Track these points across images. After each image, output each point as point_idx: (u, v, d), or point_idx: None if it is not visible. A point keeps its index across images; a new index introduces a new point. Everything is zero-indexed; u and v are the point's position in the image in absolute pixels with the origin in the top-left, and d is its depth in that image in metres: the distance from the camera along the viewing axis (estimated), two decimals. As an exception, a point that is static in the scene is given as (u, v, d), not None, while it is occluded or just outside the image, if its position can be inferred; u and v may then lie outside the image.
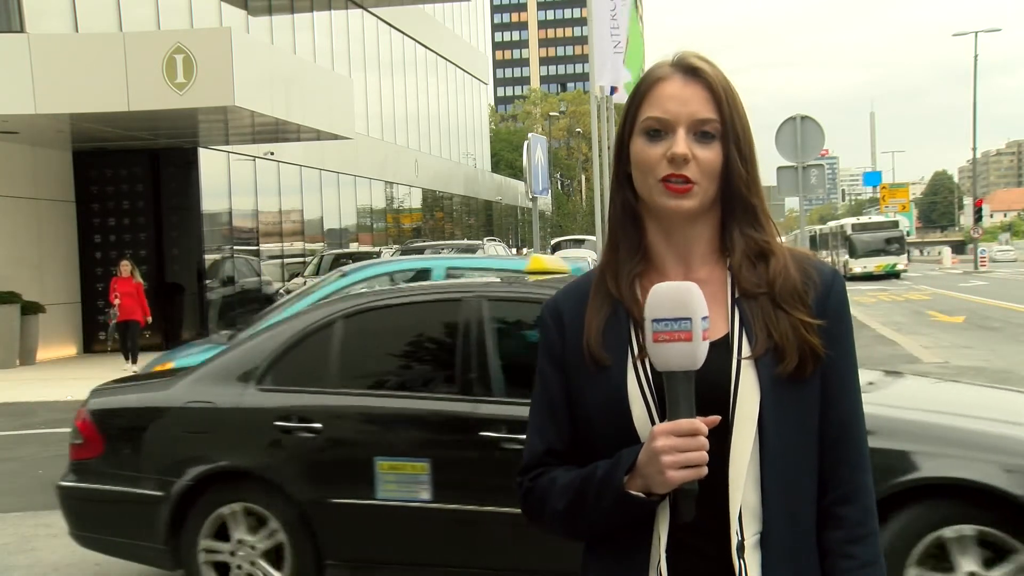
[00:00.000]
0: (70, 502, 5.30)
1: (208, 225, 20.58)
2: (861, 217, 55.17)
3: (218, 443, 4.99)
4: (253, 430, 4.88)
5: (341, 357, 4.92)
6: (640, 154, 1.58)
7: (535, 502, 1.65)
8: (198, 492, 4.89)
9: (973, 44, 52.87)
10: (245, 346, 5.24)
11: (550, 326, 1.67)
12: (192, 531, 4.90)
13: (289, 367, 4.95)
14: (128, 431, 5.28)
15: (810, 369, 1.56)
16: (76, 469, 5.29)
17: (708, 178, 1.56)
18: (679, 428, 1.45)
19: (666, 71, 1.60)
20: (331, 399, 4.80)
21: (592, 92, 17.92)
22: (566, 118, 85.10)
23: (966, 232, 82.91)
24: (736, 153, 1.57)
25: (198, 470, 4.88)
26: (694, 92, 1.57)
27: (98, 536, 5.30)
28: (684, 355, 1.44)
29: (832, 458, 1.61)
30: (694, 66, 1.58)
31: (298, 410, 4.79)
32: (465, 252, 18.63)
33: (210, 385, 5.05)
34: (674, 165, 1.54)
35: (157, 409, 5.19)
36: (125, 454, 5.22)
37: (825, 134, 15.74)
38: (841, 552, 1.59)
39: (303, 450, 4.77)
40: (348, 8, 29.88)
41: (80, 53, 15.59)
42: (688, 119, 1.55)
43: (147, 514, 4.97)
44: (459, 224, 43.17)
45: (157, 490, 4.95)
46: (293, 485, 4.74)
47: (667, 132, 1.56)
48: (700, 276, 1.59)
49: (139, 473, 5.07)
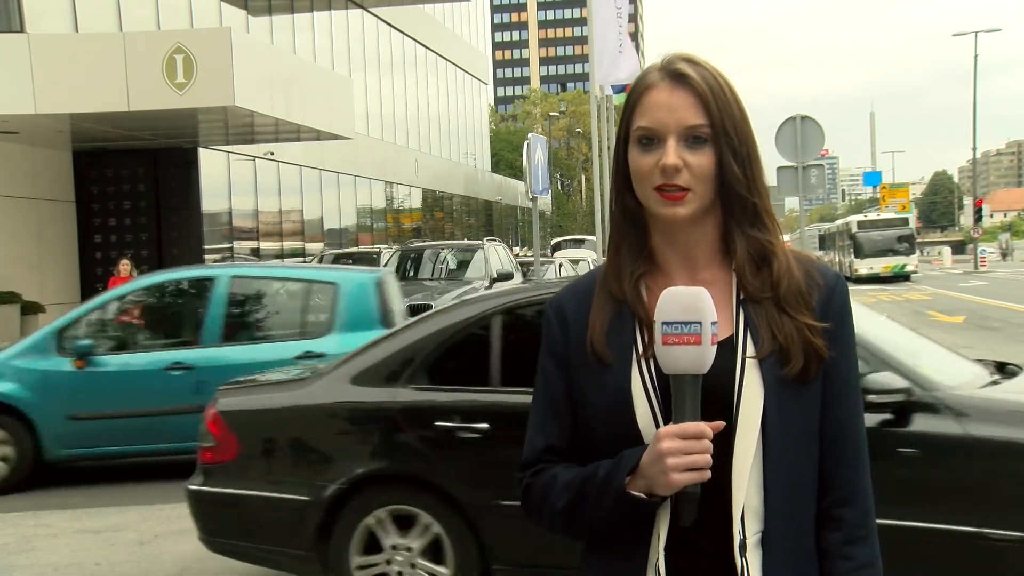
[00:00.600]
0: (201, 506, 5.12)
1: (208, 225, 20.59)
2: (869, 213, 50.40)
3: (372, 444, 4.84)
4: (410, 431, 4.72)
5: (504, 353, 4.71)
6: (635, 163, 1.58)
7: (535, 499, 1.65)
8: (349, 495, 4.72)
9: (973, 44, 52.47)
10: (386, 345, 4.98)
11: (554, 324, 1.68)
12: (341, 541, 4.72)
13: (446, 365, 4.78)
14: (267, 433, 5.07)
15: (814, 371, 1.57)
16: (207, 472, 5.08)
17: (703, 183, 1.56)
18: (685, 431, 1.46)
19: (655, 78, 1.59)
20: (497, 397, 4.62)
21: (592, 92, 17.93)
22: (566, 118, 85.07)
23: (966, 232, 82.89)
24: (730, 154, 1.56)
25: (353, 473, 4.72)
26: (681, 98, 1.56)
27: (231, 541, 5.11)
28: (693, 358, 1.46)
29: (832, 459, 1.61)
30: (680, 71, 1.58)
31: (461, 409, 4.62)
32: (465, 252, 18.61)
33: (355, 385, 4.86)
34: (665, 175, 1.54)
35: (299, 409, 4.98)
36: (264, 457, 5.03)
37: (825, 134, 15.75)
38: (839, 553, 1.60)
39: (468, 451, 4.58)
40: (348, 8, 29.88)
41: (80, 53, 15.59)
42: (677, 127, 1.55)
43: (291, 519, 4.80)
44: (459, 224, 43.17)
45: (303, 495, 4.77)
46: (457, 487, 4.58)
47: (658, 141, 1.56)
48: (704, 278, 1.59)
49: (282, 477, 4.89)
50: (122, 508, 7.42)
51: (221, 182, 21.36)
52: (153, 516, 7.14)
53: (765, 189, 1.62)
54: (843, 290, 1.64)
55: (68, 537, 6.71)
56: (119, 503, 7.59)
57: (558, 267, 21.51)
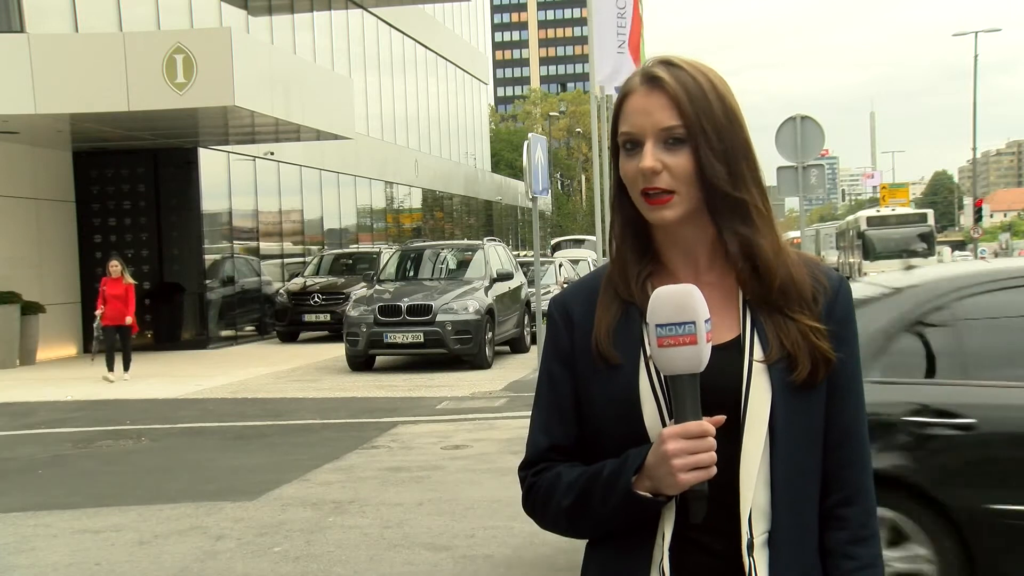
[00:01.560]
0: None
1: (208, 225, 20.57)
2: (882, 209, 42.86)
3: None
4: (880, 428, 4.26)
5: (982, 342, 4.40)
6: (622, 169, 1.60)
7: (539, 498, 1.65)
8: None
9: (973, 44, 52.27)
10: None
11: (559, 324, 1.68)
12: None
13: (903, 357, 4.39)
14: None
15: (822, 375, 1.58)
16: None
17: (685, 184, 1.56)
18: (688, 431, 1.46)
19: (635, 83, 1.61)
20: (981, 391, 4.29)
21: (592, 92, 17.91)
22: (566, 118, 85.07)
23: (966, 232, 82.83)
24: (710, 152, 1.55)
25: None
26: (656, 101, 1.57)
27: None
28: (689, 358, 1.46)
29: (836, 459, 1.62)
30: (654, 75, 1.58)
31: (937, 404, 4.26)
32: (465, 251, 18.61)
33: None
34: (646, 179, 1.55)
35: None
36: None
37: (825, 134, 15.75)
38: (844, 553, 1.61)
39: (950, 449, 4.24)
40: (348, 8, 29.87)
41: (80, 53, 15.59)
42: (653, 130, 1.56)
43: None
44: (459, 224, 43.14)
45: None
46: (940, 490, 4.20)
47: (639, 146, 1.57)
48: (710, 280, 1.60)
49: None
50: (122, 508, 7.41)
51: (221, 182, 21.35)
52: (153, 516, 7.14)
53: (758, 186, 1.61)
54: (847, 292, 1.65)
55: (68, 537, 6.70)
56: (119, 503, 7.59)
57: (558, 267, 21.52)
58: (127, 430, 10.85)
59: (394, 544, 6.27)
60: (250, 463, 8.86)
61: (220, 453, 9.46)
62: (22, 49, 15.14)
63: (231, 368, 16.43)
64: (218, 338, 20.47)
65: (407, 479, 8.10)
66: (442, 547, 6.19)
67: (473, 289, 15.99)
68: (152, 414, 11.96)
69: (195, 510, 7.26)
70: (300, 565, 5.91)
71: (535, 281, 13.97)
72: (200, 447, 9.90)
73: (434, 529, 6.58)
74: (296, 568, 5.86)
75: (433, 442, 9.63)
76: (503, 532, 6.41)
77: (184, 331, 20.42)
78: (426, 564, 5.88)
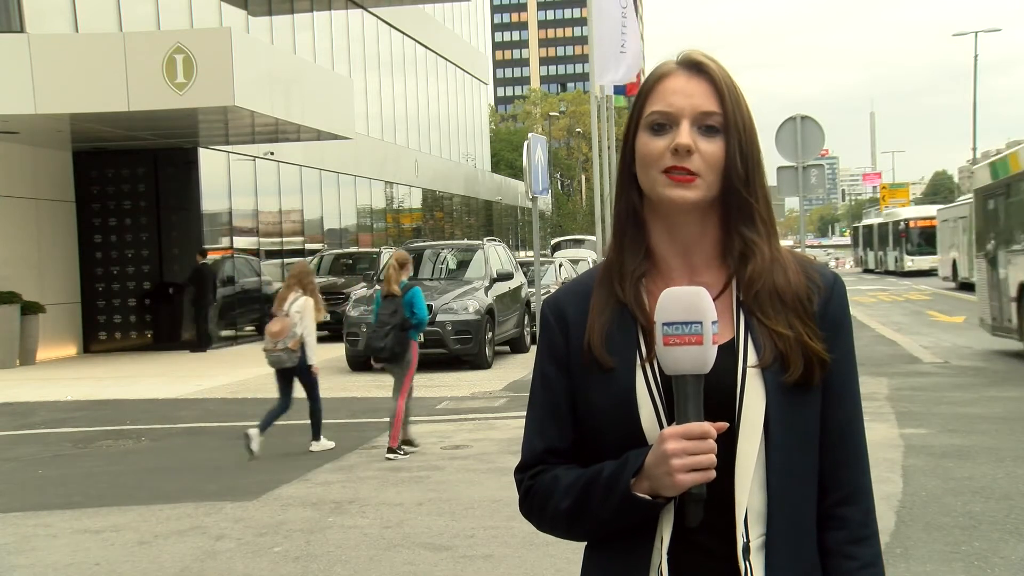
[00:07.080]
0: None
1: (208, 225, 20.57)
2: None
3: None
4: None
5: None
6: (644, 147, 1.59)
7: (536, 500, 1.64)
8: None
9: (973, 44, 52.47)
10: None
11: (553, 326, 1.67)
12: None
13: None
14: None
15: (817, 377, 1.57)
16: None
17: (712, 171, 1.56)
18: (689, 431, 1.46)
19: (671, 68, 1.62)
20: None
21: (592, 92, 17.91)
22: (566, 118, 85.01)
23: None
24: (737, 149, 1.57)
25: None
26: (698, 86, 1.58)
27: None
28: (695, 359, 1.45)
29: (832, 460, 1.62)
30: (698, 61, 1.60)
31: None
32: (465, 251, 18.61)
33: None
34: (677, 157, 1.55)
35: None
36: None
37: (825, 134, 15.75)
38: (843, 552, 1.60)
39: None
40: (348, 8, 29.87)
41: (80, 53, 15.59)
42: (692, 112, 1.56)
43: None
44: (459, 224, 43.12)
45: None
46: None
47: (671, 125, 1.57)
48: (705, 280, 1.59)
49: None
50: (122, 508, 7.41)
51: (221, 182, 21.34)
52: (153, 516, 7.14)
53: (765, 194, 1.62)
54: (841, 291, 1.65)
55: (68, 537, 6.70)
56: (119, 503, 7.59)
57: (558, 267, 21.51)
58: (127, 430, 10.85)
59: (394, 544, 6.27)
60: (250, 463, 8.86)
61: (220, 453, 9.46)
62: (22, 49, 15.14)
63: (231, 368, 16.42)
64: (218, 338, 20.47)
65: (407, 479, 8.10)
66: (442, 547, 6.19)
67: (473, 289, 15.99)
68: (152, 414, 11.96)
69: (195, 510, 7.26)
70: (300, 565, 5.91)
71: (535, 281, 13.98)
72: (200, 447, 9.90)
73: (434, 529, 6.58)
74: (296, 568, 5.86)
75: (433, 442, 9.63)
76: (503, 532, 6.41)
77: (184, 331, 20.40)
78: (426, 564, 5.88)
